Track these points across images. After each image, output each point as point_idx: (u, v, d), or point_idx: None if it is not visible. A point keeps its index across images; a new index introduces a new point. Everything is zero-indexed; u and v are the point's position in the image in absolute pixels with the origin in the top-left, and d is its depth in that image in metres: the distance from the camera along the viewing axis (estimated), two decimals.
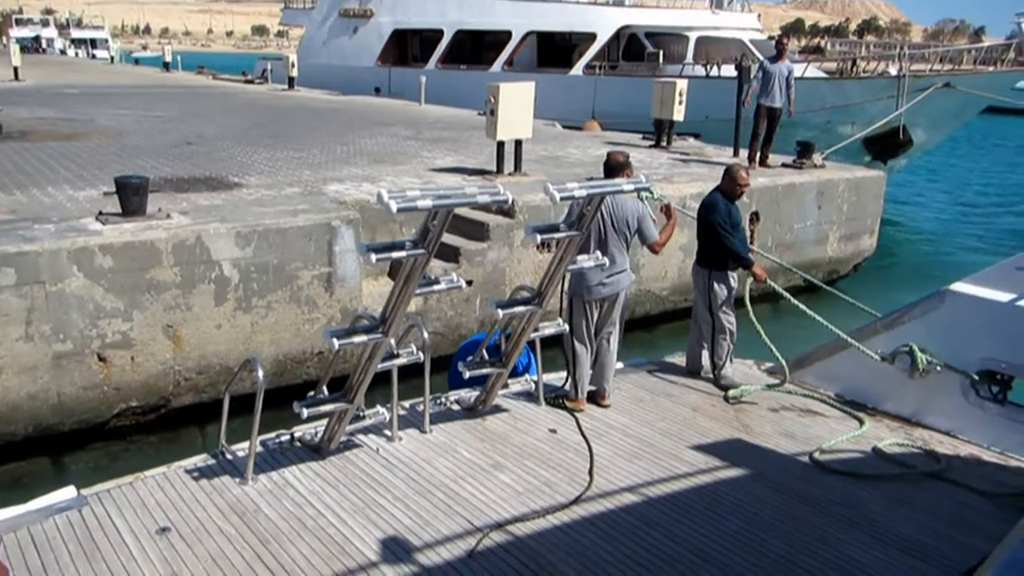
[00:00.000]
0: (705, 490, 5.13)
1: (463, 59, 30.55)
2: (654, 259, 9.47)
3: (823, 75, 24.54)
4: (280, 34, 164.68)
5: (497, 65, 28.99)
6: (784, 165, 13.12)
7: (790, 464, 5.54)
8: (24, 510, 4.56)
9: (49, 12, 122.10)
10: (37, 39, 74.45)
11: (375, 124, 17.41)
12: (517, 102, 10.90)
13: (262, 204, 8.50)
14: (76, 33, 79.94)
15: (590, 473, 5.22)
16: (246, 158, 11.88)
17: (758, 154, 12.97)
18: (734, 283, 6.74)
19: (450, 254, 8.72)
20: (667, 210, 6.36)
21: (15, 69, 29.06)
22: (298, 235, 7.69)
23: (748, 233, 11.48)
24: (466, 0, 30.80)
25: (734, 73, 15.61)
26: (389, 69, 32.22)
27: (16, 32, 76.05)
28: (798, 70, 16.41)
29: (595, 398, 6.31)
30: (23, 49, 39.96)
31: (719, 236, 6.60)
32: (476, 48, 30.44)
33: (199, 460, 5.22)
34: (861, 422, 6.17)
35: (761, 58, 14.68)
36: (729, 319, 6.74)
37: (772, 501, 5.02)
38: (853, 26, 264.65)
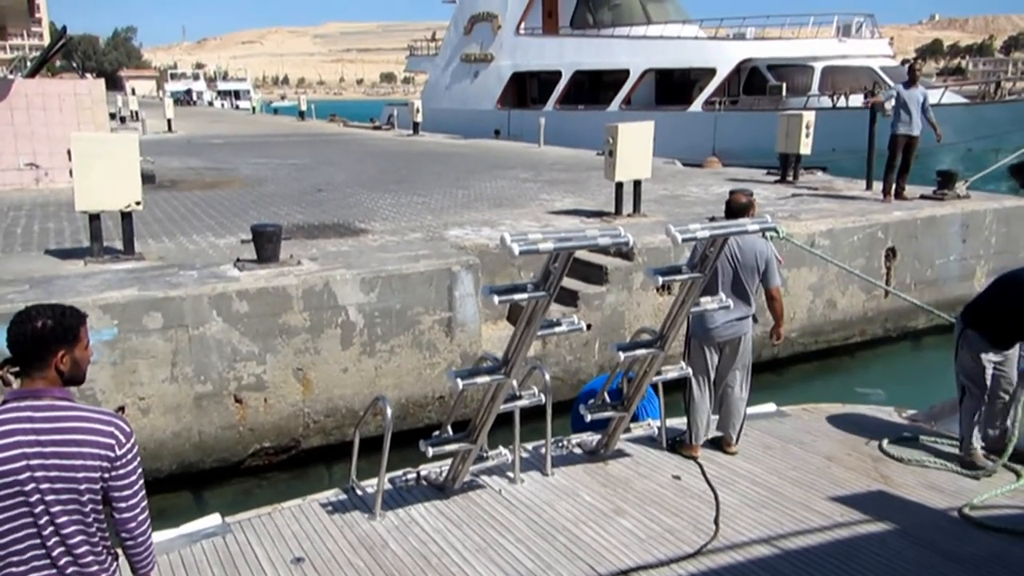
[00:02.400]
0: (841, 544, 4.83)
1: (581, 99, 30.83)
2: (783, 300, 9.17)
3: (963, 100, 23.26)
4: (406, 80, 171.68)
5: (615, 104, 29.09)
6: (923, 197, 12.46)
7: (937, 519, 5.15)
8: (175, 534, 4.89)
9: (200, 67, 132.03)
10: (188, 92, 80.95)
11: (495, 167, 17.76)
12: (636, 142, 10.87)
13: (386, 250, 8.78)
14: (222, 85, 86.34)
15: (716, 522, 5.06)
16: (372, 204, 12.35)
17: (893, 186, 12.36)
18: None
19: (568, 298, 8.71)
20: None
21: (168, 121, 31.56)
22: (420, 280, 7.89)
23: (884, 271, 10.95)
24: (583, 41, 31.17)
25: (863, 103, 15.00)
26: (509, 111, 32.91)
27: (171, 86, 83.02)
28: (934, 96, 15.63)
29: (721, 444, 6.11)
30: (176, 102, 43.40)
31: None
32: (594, 88, 30.68)
33: (331, 494, 5.44)
34: (1018, 475, 5.67)
35: (892, 84, 14.06)
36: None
37: (916, 558, 4.67)
38: (998, 43, 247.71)
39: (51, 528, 2.54)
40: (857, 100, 21.97)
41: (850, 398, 7.39)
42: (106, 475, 2.57)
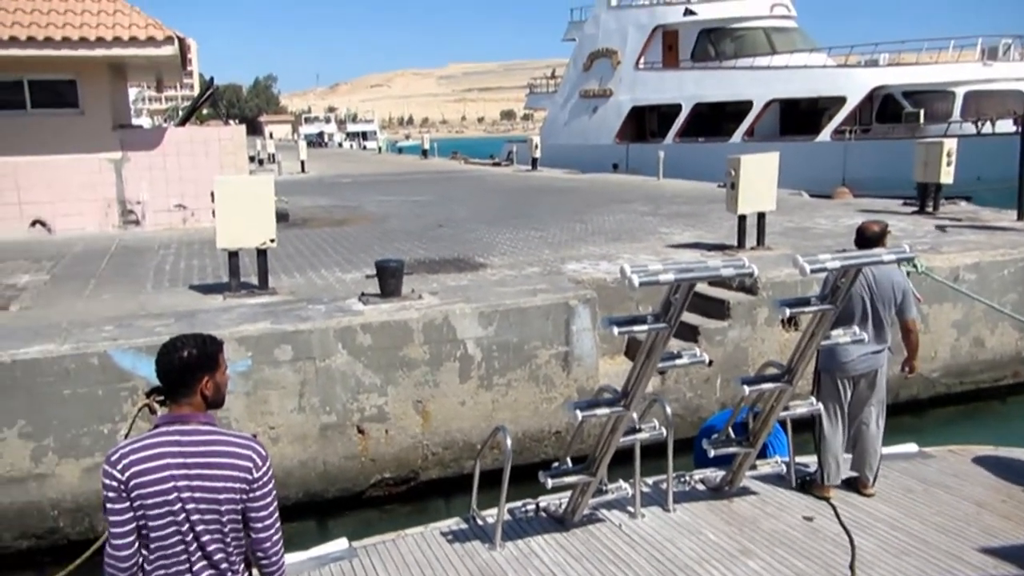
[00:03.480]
0: None
1: (701, 132, 30.45)
2: (923, 337, 8.63)
3: None
4: (526, 117, 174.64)
5: (737, 136, 28.56)
6: None
7: None
8: (304, 557, 5.05)
9: (331, 110, 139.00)
10: (320, 134, 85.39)
11: (613, 201, 17.69)
12: (760, 173, 10.57)
13: (504, 284, 8.85)
14: (351, 127, 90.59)
15: (851, 568, 4.76)
16: (491, 239, 12.53)
17: None
18: None
19: (688, 333, 8.49)
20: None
21: (302, 162, 33.30)
22: (537, 314, 7.89)
23: None
24: (704, 73, 30.84)
25: (1012, 128, 14.06)
26: (627, 145, 32.86)
27: (305, 129, 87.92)
28: None
29: (856, 486, 5.77)
30: (309, 144, 45.86)
31: None
32: (715, 120, 30.25)
33: (452, 523, 5.50)
34: None
35: None
36: None
37: None
38: None
39: (195, 544, 2.70)
40: (1005, 125, 20.67)
41: (1001, 444, 6.81)
42: (245, 496, 2.71)
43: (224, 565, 2.75)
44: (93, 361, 6.69)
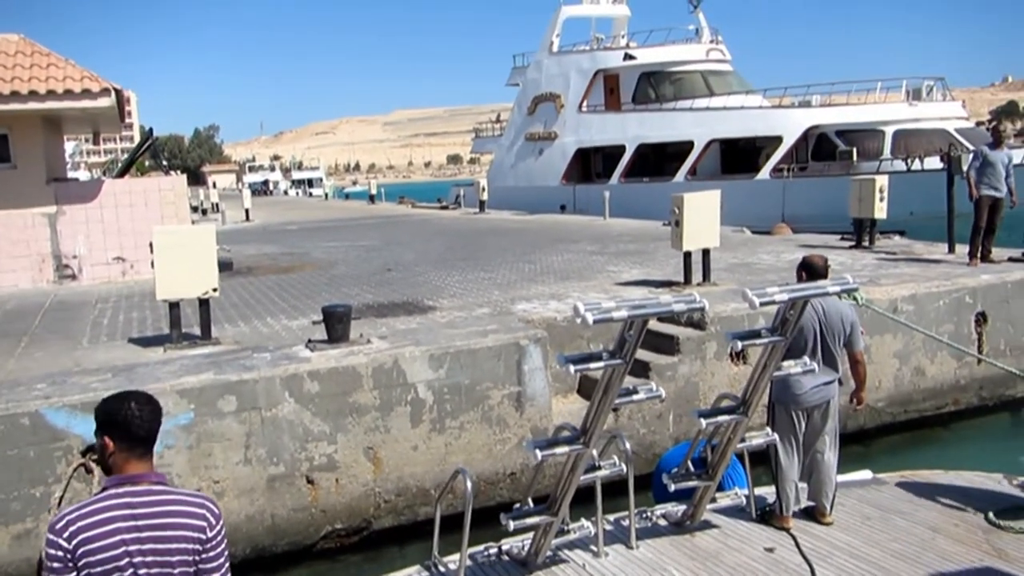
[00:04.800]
0: None
1: (645, 172, 31.00)
2: (868, 368, 8.79)
3: None
4: (472, 161, 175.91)
5: (680, 175, 29.15)
6: (1011, 259, 11.94)
7: None
8: None
9: (276, 158, 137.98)
10: (265, 183, 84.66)
11: (561, 241, 17.82)
12: (703, 211, 10.76)
13: (454, 326, 8.78)
14: (296, 175, 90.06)
15: None
16: (440, 281, 12.46)
17: (980, 249, 11.91)
18: None
19: (640, 369, 8.50)
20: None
21: (246, 211, 32.93)
22: (488, 355, 7.82)
23: (975, 337, 10.42)
24: (646, 115, 31.50)
25: (939, 165, 14.62)
26: (574, 186, 33.26)
27: (249, 178, 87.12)
28: (1017, 156, 15.20)
29: (814, 515, 5.81)
30: (254, 192, 45.46)
31: None
32: (658, 160, 30.84)
33: (414, 571, 5.36)
34: None
35: (971, 147, 13.72)
36: None
37: None
38: None
39: None
40: (933, 162, 21.52)
41: (949, 469, 6.93)
42: (198, 556, 2.65)
43: None
44: (24, 421, 6.39)
